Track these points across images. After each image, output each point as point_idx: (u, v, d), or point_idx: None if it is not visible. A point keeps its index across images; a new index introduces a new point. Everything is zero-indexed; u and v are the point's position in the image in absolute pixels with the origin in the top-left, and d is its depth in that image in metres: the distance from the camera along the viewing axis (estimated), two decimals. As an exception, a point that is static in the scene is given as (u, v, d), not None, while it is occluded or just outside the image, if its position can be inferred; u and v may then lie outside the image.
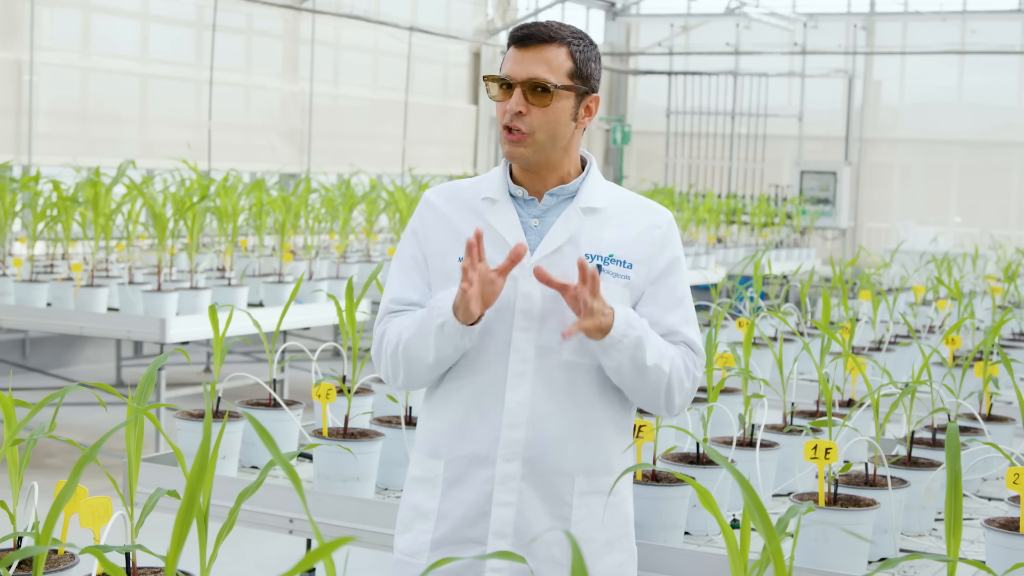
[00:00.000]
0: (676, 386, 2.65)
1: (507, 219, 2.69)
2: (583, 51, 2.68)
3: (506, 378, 2.63)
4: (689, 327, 2.72)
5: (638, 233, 2.71)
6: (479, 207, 2.72)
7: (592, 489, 2.66)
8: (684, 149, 19.10)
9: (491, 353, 2.65)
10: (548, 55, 2.64)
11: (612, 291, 2.65)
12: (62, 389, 2.37)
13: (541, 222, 2.70)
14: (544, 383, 2.63)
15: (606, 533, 2.68)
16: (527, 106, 2.63)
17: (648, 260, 2.70)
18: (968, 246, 14.93)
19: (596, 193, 2.72)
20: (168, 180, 9.28)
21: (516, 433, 2.62)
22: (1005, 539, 2.78)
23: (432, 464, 2.70)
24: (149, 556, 2.39)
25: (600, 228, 2.70)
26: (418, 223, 2.77)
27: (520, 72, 2.63)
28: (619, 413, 2.71)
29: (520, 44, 2.65)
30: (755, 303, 5.45)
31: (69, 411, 8.34)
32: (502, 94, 2.66)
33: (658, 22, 19.32)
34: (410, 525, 2.73)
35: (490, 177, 2.77)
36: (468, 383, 2.67)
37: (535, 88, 2.62)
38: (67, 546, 2.13)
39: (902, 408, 3.42)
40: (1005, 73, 17.06)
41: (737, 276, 7.33)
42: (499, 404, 2.63)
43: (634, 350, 2.57)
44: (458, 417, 2.67)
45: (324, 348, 5.42)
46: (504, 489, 2.63)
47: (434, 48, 16.13)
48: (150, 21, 12.37)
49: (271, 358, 3.80)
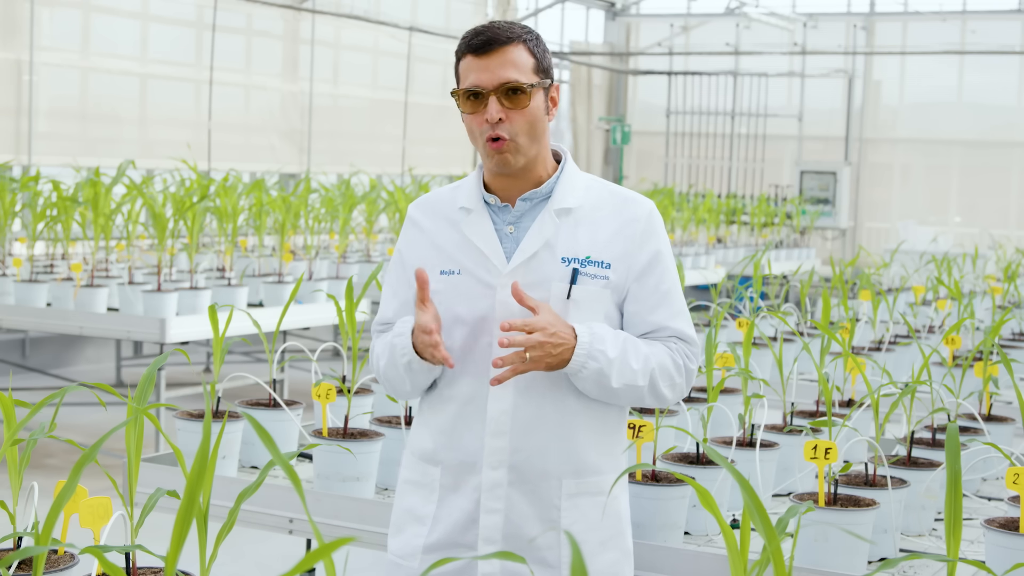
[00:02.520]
0: (662, 388, 2.64)
1: (482, 229, 2.66)
2: (537, 44, 2.64)
3: (488, 387, 2.63)
4: (678, 320, 2.69)
5: (614, 230, 2.67)
6: (455, 217, 2.71)
7: (580, 491, 2.65)
8: (684, 149, 19.10)
9: (473, 363, 2.64)
10: (511, 56, 2.59)
11: (591, 293, 2.63)
12: (62, 389, 2.37)
13: (516, 228, 2.67)
14: (526, 391, 2.62)
15: (599, 533, 2.67)
16: (506, 112, 2.58)
17: (627, 257, 2.66)
18: (968, 246, 14.93)
19: (571, 192, 2.68)
20: (168, 180, 9.28)
21: (500, 441, 2.62)
22: (1005, 539, 2.78)
23: (428, 469, 2.70)
24: (149, 556, 2.39)
25: (575, 229, 2.66)
26: (404, 242, 2.78)
27: (490, 80, 2.58)
28: (604, 414, 2.69)
29: (480, 51, 2.59)
30: (755, 303, 5.45)
31: (69, 411, 8.34)
32: (472, 106, 2.61)
33: (658, 22, 19.32)
34: (403, 528, 2.74)
35: (466, 184, 2.74)
36: (454, 392, 2.67)
37: (509, 92, 2.58)
38: (67, 546, 2.13)
39: (902, 408, 3.42)
40: (1005, 73, 17.05)
41: (737, 276, 7.33)
42: (482, 413, 2.63)
43: (597, 378, 2.57)
44: (447, 425, 2.68)
45: (324, 348, 5.42)
46: (491, 496, 2.63)
47: (434, 48, 16.13)
48: (150, 21, 12.37)
49: (271, 358, 3.80)
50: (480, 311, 2.62)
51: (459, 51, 2.64)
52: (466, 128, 2.67)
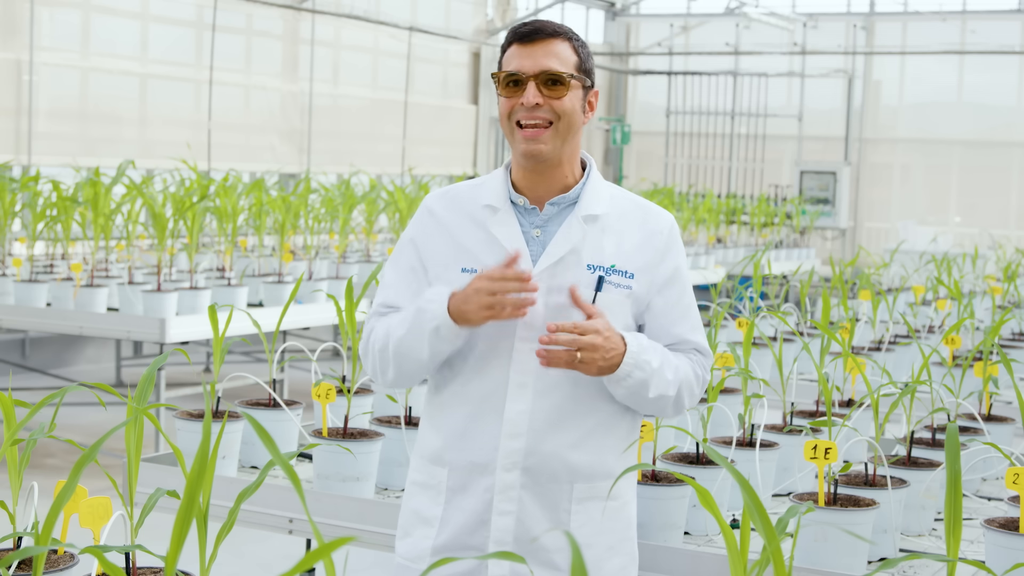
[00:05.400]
0: (685, 398, 2.68)
1: (509, 230, 2.66)
2: (583, 47, 2.70)
3: (507, 388, 2.62)
4: (696, 333, 2.74)
5: (639, 241, 2.70)
6: (480, 215, 2.70)
7: (591, 495, 2.65)
8: (684, 149, 19.10)
9: (492, 363, 2.63)
10: (555, 48, 2.64)
11: (614, 302, 2.64)
12: (62, 389, 2.37)
13: (543, 232, 2.68)
14: (545, 393, 2.62)
15: (608, 538, 2.67)
16: (543, 98, 2.61)
17: (650, 269, 2.69)
18: (968, 246, 14.93)
19: (597, 199, 2.70)
20: (168, 180, 9.28)
21: (516, 443, 2.61)
22: (1005, 539, 2.78)
23: (435, 471, 2.69)
24: (149, 556, 2.39)
25: (601, 236, 2.68)
26: (418, 231, 2.75)
27: (532, 66, 2.62)
28: (620, 419, 2.70)
29: (526, 40, 2.64)
30: (755, 303, 5.45)
31: (69, 411, 8.34)
32: (510, 91, 2.64)
33: (658, 22, 19.32)
34: (410, 530, 2.73)
35: (490, 182, 2.73)
36: (469, 392, 2.66)
37: (548, 80, 2.62)
38: (67, 546, 2.13)
39: (902, 408, 3.42)
40: (1005, 73, 17.05)
41: (737, 276, 7.33)
42: (499, 413, 2.63)
43: (638, 387, 2.59)
44: (459, 425, 2.66)
45: (324, 348, 5.42)
46: (504, 498, 2.62)
47: (434, 48, 16.13)
48: (150, 21, 12.37)
49: (271, 358, 3.80)
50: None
51: (506, 41, 2.68)
52: (500, 115, 2.69)
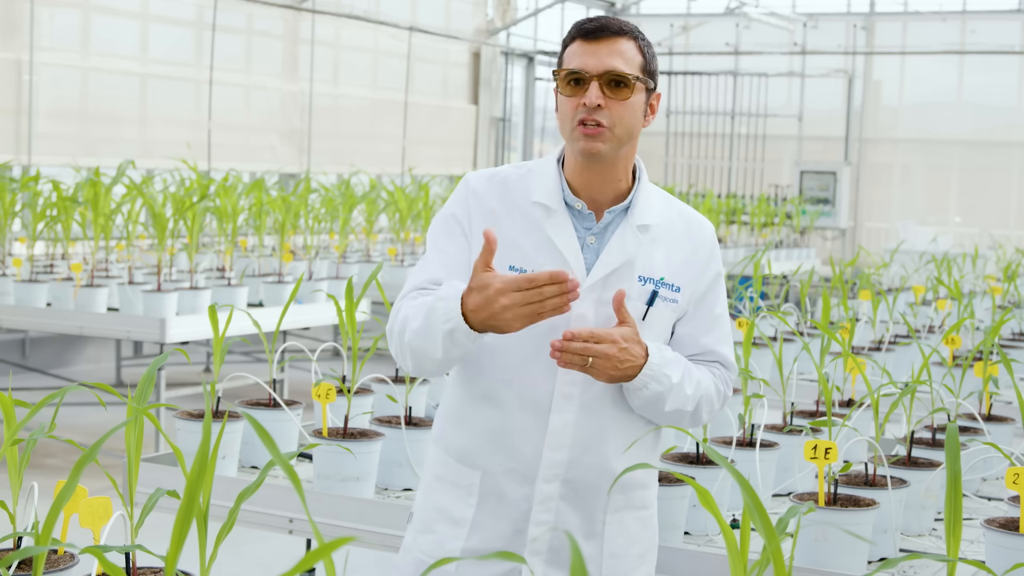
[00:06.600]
0: (703, 413, 2.63)
1: (567, 235, 2.56)
2: (648, 47, 2.60)
3: (552, 398, 2.55)
4: (724, 345, 2.68)
5: (687, 254, 2.64)
6: (532, 213, 2.58)
7: (625, 505, 2.64)
8: (684, 149, 19.10)
9: (535, 369, 2.55)
10: (621, 47, 2.54)
11: (662, 316, 2.60)
12: (62, 389, 2.37)
13: (597, 240, 2.59)
14: (589, 406, 2.57)
15: (637, 547, 2.66)
16: (606, 100, 2.52)
17: (695, 282, 2.64)
18: (968, 246, 14.93)
19: (648, 207, 2.62)
20: (168, 180, 9.28)
21: (559, 455, 2.56)
22: (1005, 539, 2.78)
23: (465, 471, 2.62)
24: (149, 556, 2.39)
25: (652, 247, 2.61)
26: (462, 210, 2.61)
27: (596, 65, 2.52)
28: (656, 432, 2.69)
29: (591, 37, 2.54)
30: (755, 303, 5.45)
31: (69, 411, 8.34)
32: (572, 89, 2.54)
33: (658, 22, 19.31)
34: (433, 527, 2.65)
35: (541, 175, 2.62)
36: (508, 395, 2.57)
37: (612, 81, 2.53)
38: (67, 546, 2.13)
39: (902, 408, 3.42)
40: (1005, 73, 17.05)
41: (737, 276, 7.33)
42: (542, 424, 2.56)
43: (654, 400, 2.54)
44: (495, 429, 2.58)
45: (324, 348, 5.42)
46: (543, 509, 2.58)
47: (434, 48, 16.13)
48: (150, 21, 12.36)
49: (271, 358, 3.80)
50: (553, 320, 2.47)
51: (568, 36, 2.59)
52: (558, 114, 2.59)
